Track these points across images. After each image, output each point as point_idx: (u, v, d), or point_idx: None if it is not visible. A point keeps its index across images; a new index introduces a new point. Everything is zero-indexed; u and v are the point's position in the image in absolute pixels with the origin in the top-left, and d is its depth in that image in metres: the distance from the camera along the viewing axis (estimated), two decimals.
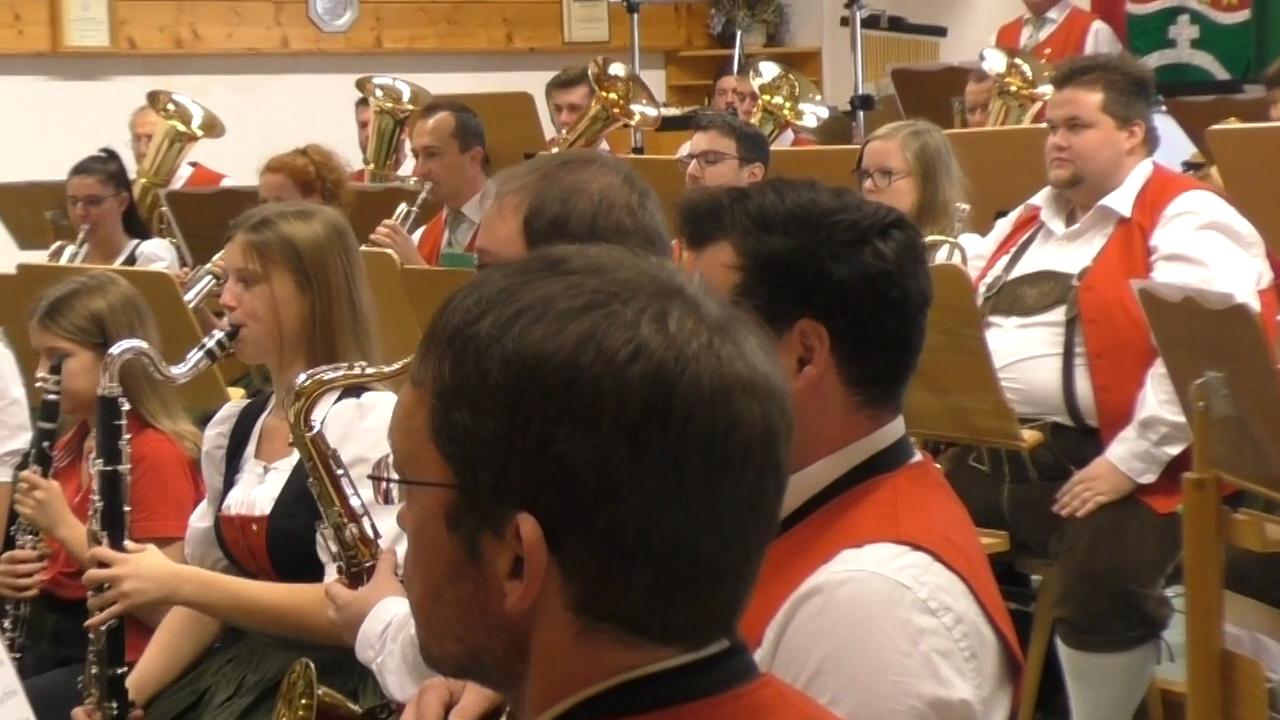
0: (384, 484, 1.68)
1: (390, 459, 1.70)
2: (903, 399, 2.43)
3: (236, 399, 6.10)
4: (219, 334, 3.94)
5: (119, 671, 3.94)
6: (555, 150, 8.30)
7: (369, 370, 3.42)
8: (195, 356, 3.91)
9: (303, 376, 3.38)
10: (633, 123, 8.86)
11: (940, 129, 6.25)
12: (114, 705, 3.92)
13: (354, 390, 3.69)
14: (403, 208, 7.43)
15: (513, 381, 1.56)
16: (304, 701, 3.42)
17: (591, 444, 1.54)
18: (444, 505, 1.61)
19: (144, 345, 3.92)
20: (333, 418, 3.71)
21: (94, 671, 3.95)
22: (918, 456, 2.44)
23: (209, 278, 7.07)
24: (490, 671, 1.68)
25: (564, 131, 8.94)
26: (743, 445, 1.57)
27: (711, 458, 1.56)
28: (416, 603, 1.68)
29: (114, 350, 3.91)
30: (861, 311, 2.36)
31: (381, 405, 3.80)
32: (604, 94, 8.74)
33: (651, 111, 8.99)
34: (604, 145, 9.04)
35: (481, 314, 1.59)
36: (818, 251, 2.34)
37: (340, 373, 3.40)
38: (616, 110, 8.78)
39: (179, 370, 3.91)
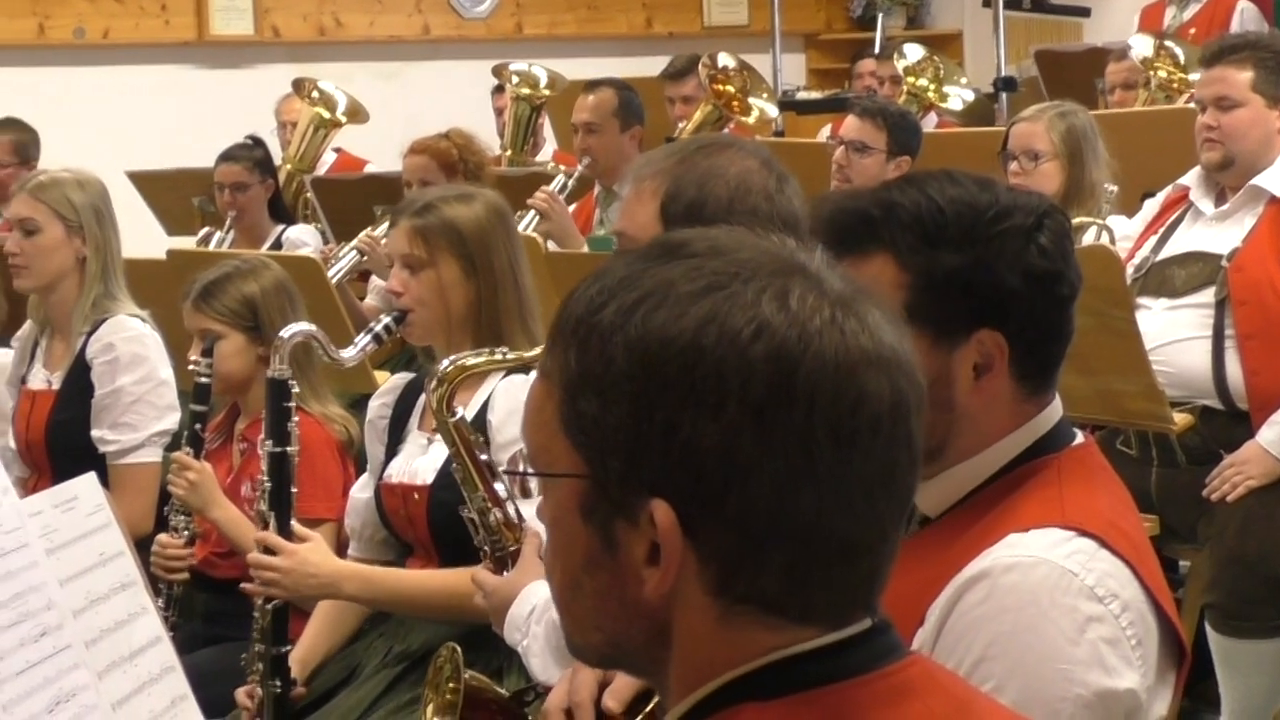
0: (520, 477, 1.68)
1: (524, 452, 1.69)
2: (1057, 379, 2.40)
3: (384, 382, 6.16)
4: (386, 318, 3.96)
5: (282, 650, 4.00)
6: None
7: (509, 355, 3.43)
8: (363, 340, 3.95)
9: (445, 362, 3.39)
10: (750, 120, 8.71)
11: (1086, 110, 6.18)
12: (277, 683, 3.98)
13: (524, 367, 3.71)
14: (560, 179, 7.48)
15: (636, 368, 1.55)
16: (451, 685, 3.43)
17: (718, 426, 1.53)
18: (578, 496, 1.60)
19: (313, 329, 3.95)
20: (501, 393, 3.77)
21: (258, 650, 4.00)
22: (1080, 438, 2.41)
23: (353, 254, 7.14)
24: (633, 659, 1.67)
25: (683, 124, 8.87)
26: (871, 419, 1.56)
27: (840, 433, 1.54)
28: (557, 593, 1.68)
29: (285, 333, 3.94)
30: (1036, 313, 2.32)
31: None
32: (718, 87, 8.64)
33: (771, 109, 8.88)
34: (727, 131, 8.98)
35: (604, 303, 1.59)
36: (992, 263, 2.30)
37: (482, 358, 3.41)
38: (735, 105, 8.68)
39: (347, 354, 3.94)
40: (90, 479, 2.92)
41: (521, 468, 1.70)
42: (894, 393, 1.57)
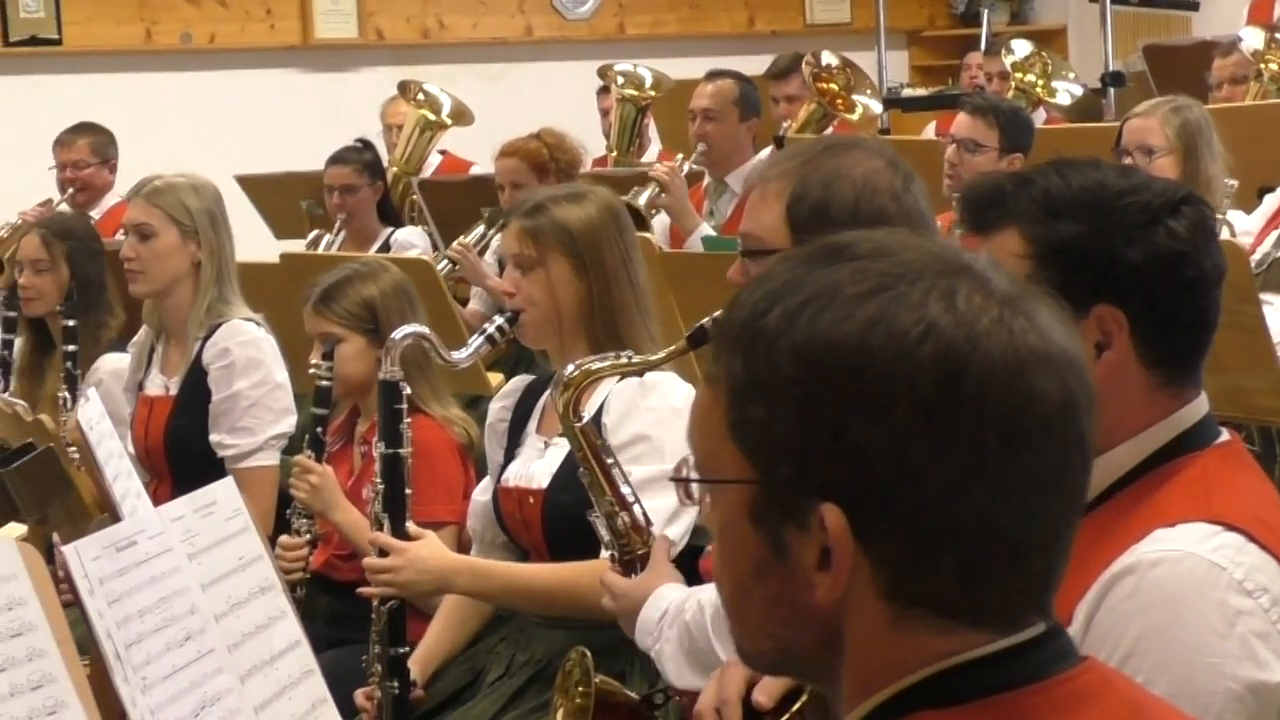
0: (685, 485, 1.67)
1: (690, 460, 1.69)
2: (1202, 376, 2.39)
3: (498, 384, 6.18)
4: (499, 319, 3.96)
5: (401, 651, 4.00)
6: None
7: (635, 359, 3.42)
8: (476, 342, 3.94)
9: (570, 367, 3.38)
10: (854, 117, 8.71)
11: (1200, 104, 6.13)
12: (395, 685, 3.98)
13: (619, 375, 3.70)
14: (679, 157, 7.48)
15: (803, 372, 1.55)
16: (580, 689, 3.44)
17: (887, 429, 1.52)
18: (746, 502, 1.59)
19: (425, 330, 3.96)
20: (615, 395, 3.75)
21: (376, 651, 4.01)
22: (1225, 435, 2.40)
23: (445, 263, 7.17)
24: (804, 666, 1.67)
25: (786, 123, 8.88)
26: (1042, 419, 1.54)
27: (1010, 434, 1.53)
28: (727, 601, 1.67)
29: (396, 335, 3.95)
30: (1159, 293, 2.31)
31: (664, 385, 3.83)
32: (822, 85, 8.64)
33: (875, 106, 8.86)
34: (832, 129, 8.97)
35: (769, 307, 1.58)
36: (1110, 236, 2.30)
37: (608, 363, 3.39)
38: (839, 104, 8.67)
39: (460, 355, 3.94)
40: (228, 483, 2.96)
41: (685, 474, 1.69)
42: (1064, 391, 1.56)
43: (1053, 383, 1.55)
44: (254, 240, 7.97)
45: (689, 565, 3.44)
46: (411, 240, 7.91)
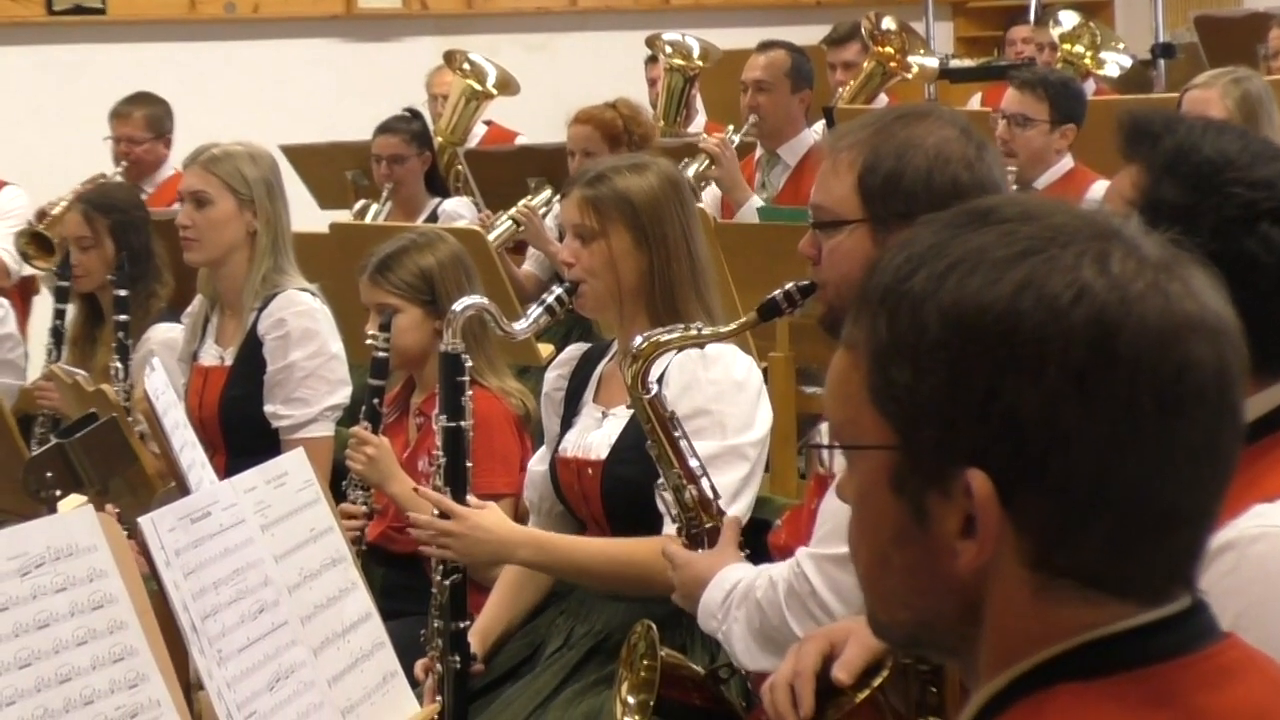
0: (823, 452, 1.66)
1: (826, 427, 1.67)
2: None
3: (548, 354, 6.17)
4: (558, 289, 3.93)
5: (461, 626, 3.98)
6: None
7: (705, 331, 3.39)
8: (535, 312, 3.91)
9: (639, 339, 3.36)
10: (910, 75, 8.77)
11: (1260, 75, 6.08)
12: (456, 659, 3.96)
13: (689, 347, 3.67)
14: (729, 129, 7.46)
15: (952, 334, 1.52)
16: (645, 663, 3.42)
17: (1038, 393, 1.49)
18: (888, 468, 1.57)
19: (485, 301, 3.92)
20: (675, 367, 3.71)
21: (436, 625, 3.99)
22: None
23: (508, 223, 7.15)
24: (941, 637, 1.63)
25: (842, 90, 8.88)
26: (1196, 386, 1.52)
27: (1164, 400, 1.51)
28: (864, 571, 1.64)
29: (457, 306, 3.91)
30: (1232, 290, 2.27)
31: (725, 357, 3.80)
32: (879, 49, 8.67)
33: (931, 62, 8.90)
34: (883, 99, 8.98)
35: (913, 270, 1.56)
36: (1200, 217, 2.24)
37: (677, 334, 3.37)
38: (894, 64, 8.71)
39: (520, 326, 3.91)
40: (299, 454, 2.94)
41: (825, 441, 1.67)
42: (1219, 359, 1.54)
43: (1208, 350, 1.53)
44: (298, 211, 7.93)
45: (755, 541, 3.41)
46: (459, 211, 7.90)
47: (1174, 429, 1.51)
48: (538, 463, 4.19)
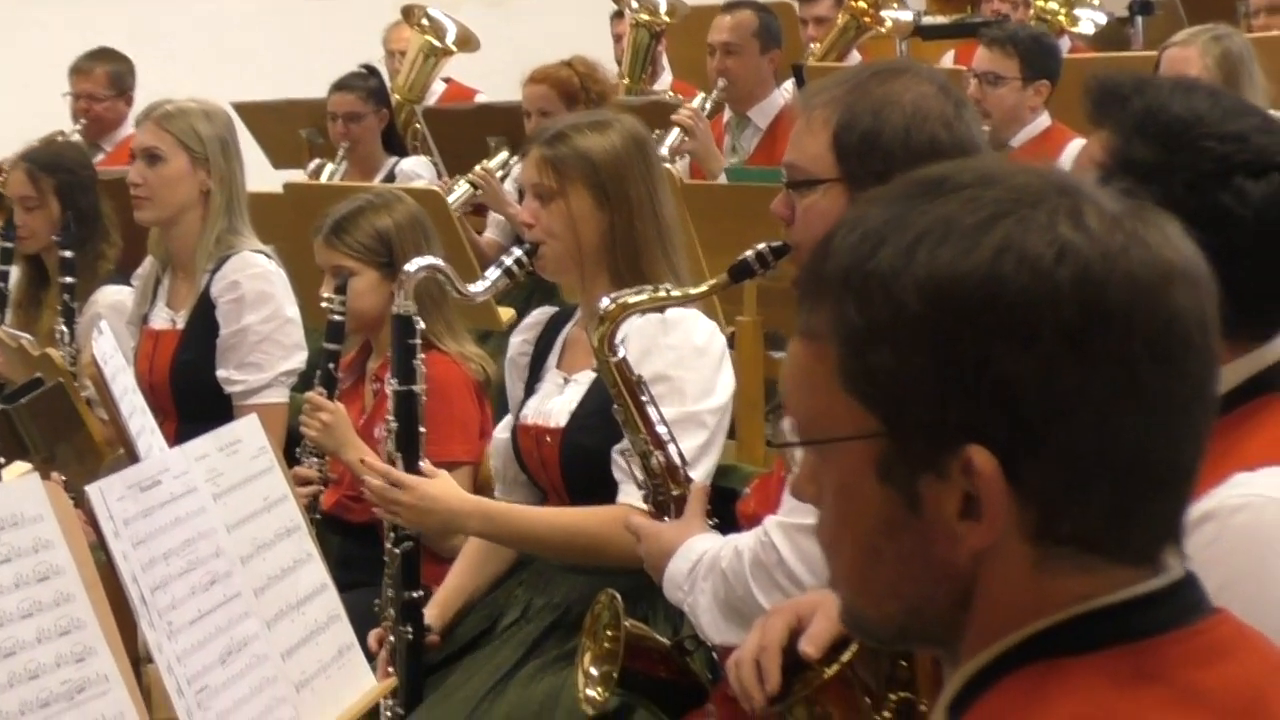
0: (794, 450, 1.61)
1: (788, 425, 1.64)
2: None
3: (508, 318, 6.15)
4: (518, 251, 3.91)
5: (415, 595, 3.98)
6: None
7: (674, 292, 3.37)
8: (493, 274, 3.89)
9: (606, 300, 3.34)
10: (885, 29, 8.75)
11: (1240, 33, 6.08)
12: (409, 629, 3.96)
13: (658, 309, 3.65)
14: (701, 97, 7.45)
15: (933, 308, 1.50)
16: (609, 634, 3.42)
17: (1033, 357, 1.48)
18: (872, 457, 1.55)
19: (440, 263, 3.91)
20: (635, 333, 3.69)
21: (389, 595, 3.99)
22: None
23: (466, 187, 7.12)
24: (930, 627, 1.61)
25: (812, 46, 8.86)
26: (1183, 335, 1.52)
27: (1157, 352, 1.50)
28: (848, 569, 1.62)
29: (409, 267, 3.91)
30: (1204, 244, 2.26)
31: (686, 322, 3.78)
32: (853, 3, 8.66)
33: (905, 15, 8.90)
34: (855, 57, 8.97)
35: (875, 247, 1.54)
36: (1172, 174, 2.24)
37: (645, 295, 3.35)
38: (867, 19, 8.70)
39: (476, 288, 3.88)
40: (252, 421, 2.93)
41: (791, 439, 1.63)
42: (1199, 305, 1.54)
43: (1189, 298, 1.53)
44: (252, 170, 7.88)
45: (722, 511, 3.40)
46: (417, 170, 7.87)
47: (1168, 380, 1.51)
48: (502, 430, 4.17)
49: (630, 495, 3.66)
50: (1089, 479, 1.51)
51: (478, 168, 7.22)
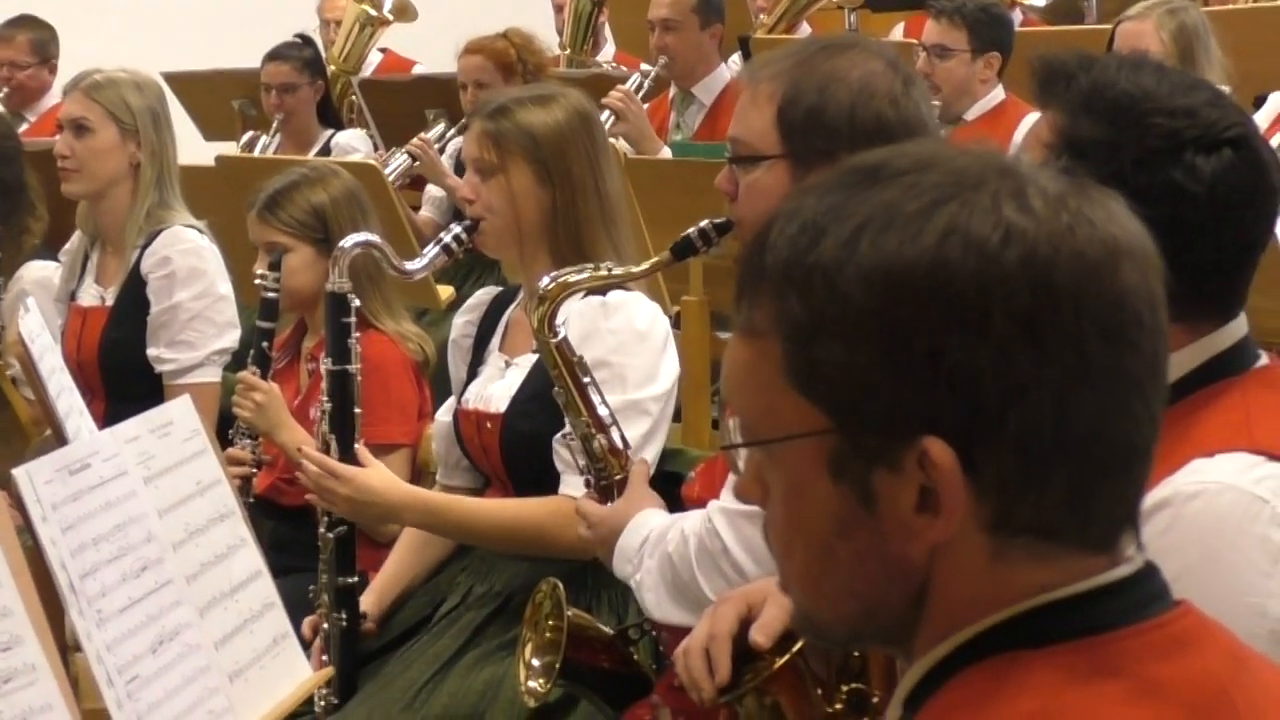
0: (739, 451, 1.60)
1: (733, 425, 1.62)
2: (1242, 298, 2.35)
3: (447, 296, 6.14)
4: (457, 228, 3.89)
5: (349, 581, 3.97)
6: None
7: (617, 271, 3.36)
8: (432, 251, 3.88)
9: (546, 279, 3.33)
10: (834, 1, 8.74)
11: (1197, 6, 6.10)
12: (343, 616, 3.95)
13: (600, 288, 3.64)
14: (636, 77, 7.41)
15: (880, 299, 1.49)
16: (551, 623, 3.41)
17: (987, 344, 1.48)
18: (823, 454, 1.54)
19: (376, 239, 3.90)
20: (575, 316, 3.67)
21: (323, 581, 3.98)
22: (1264, 359, 2.36)
23: (404, 159, 7.10)
24: (884, 628, 1.61)
25: (761, 17, 8.85)
26: (1134, 313, 1.52)
27: (1109, 332, 1.50)
28: (801, 570, 1.61)
29: (345, 243, 3.90)
30: (1158, 224, 2.27)
31: (628, 306, 3.76)
32: None
33: None
34: (805, 29, 8.96)
35: (815, 239, 1.53)
36: (1120, 151, 2.24)
37: (586, 274, 3.34)
38: None
39: (414, 265, 3.88)
40: (185, 402, 2.91)
41: (734, 440, 1.62)
42: (1147, 283, 1.54)
43: (1137, 275, 1.53)
44: (183, 142, 7.83)
45: (666, 495, 3.39)
46: (354, 144, 7.85)
47: (1122, 359, 1.52)
48: (444, 413, 4.15)
49: (572, 486, 3.65)
50: (1046, 465, 1.51)
51: (416, 138, 7.20)
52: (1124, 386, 1.52)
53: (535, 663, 3.41)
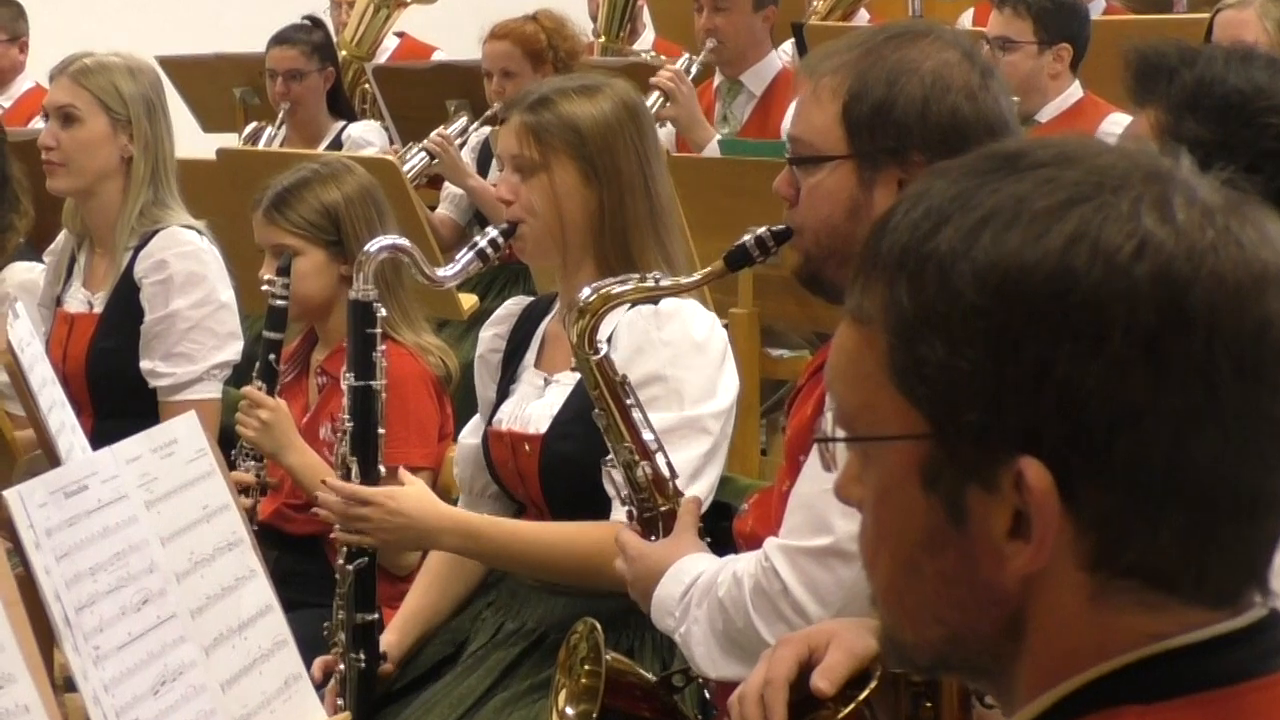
0: (832, 446, 1.61)
1: (830, 418, 1.64)
2: None
3: (470, 306, 6.15)
4: (493, 231, 3.89)
5: (369, 619, 3.96)
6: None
7: (664, 282, 3.35)
8: (465, 257, 3.87)
9: (587, 291, 3.31)
10: None
11: None
12: (361, 656, 3.95)
13: (645, 301, 3.64)
14: (685, 58, 7.44)
15: (992, 300, 1.50)
16: (587, 668, 3.41)
17: (1101, 362, 1.48)
18: (917, 461, 1.55)
19: (405, 242, 3.89)
20: (625, 327, 3.68)
21: (340, 618, 3.98)
22: None
23: (422, 156, 7.12)
24: (973, 657, 1.61)
25: (815, 3, 8.86)
26: (1275, 348, 1.51)
27: (1243, 365, 1.49)
28: (886, 583, 1.62)
29: (370, 247, 3.89)
30: None
31: (683, 314, 3.76)
32: None
33: None
34: (864, 16, 8.98)
35: (937, 226, 1.54)
36: (1235, 153, 2.25)
37: (631, 285, 3.33)
38: None
39: (446, 273, 3.87)
40: (190, 419, 2.91)
41: (832, 432, 1.63)
42: None
43: None
44: (180, 134, 7.86)
45: (715, 529, 3.39)
46: (367, 137, 7.87)
47: (1255, 398, 1.50)
48: (469, 435, 4.15)
49: (624, 513, 3.65)
50: (1157, 505, 1.50)
51: (434, 134, 7.22)
52: (1257, 428, 1.51)
53: (569, 711, 3.41)
